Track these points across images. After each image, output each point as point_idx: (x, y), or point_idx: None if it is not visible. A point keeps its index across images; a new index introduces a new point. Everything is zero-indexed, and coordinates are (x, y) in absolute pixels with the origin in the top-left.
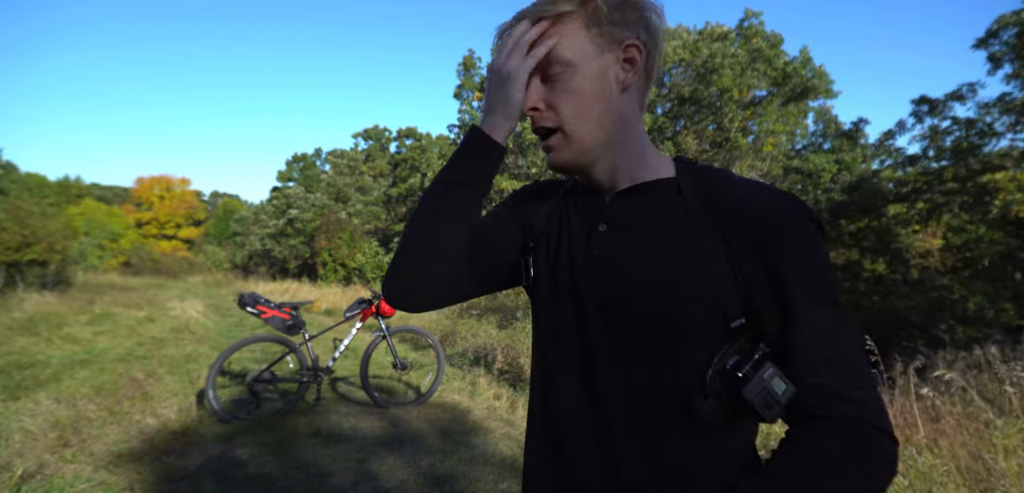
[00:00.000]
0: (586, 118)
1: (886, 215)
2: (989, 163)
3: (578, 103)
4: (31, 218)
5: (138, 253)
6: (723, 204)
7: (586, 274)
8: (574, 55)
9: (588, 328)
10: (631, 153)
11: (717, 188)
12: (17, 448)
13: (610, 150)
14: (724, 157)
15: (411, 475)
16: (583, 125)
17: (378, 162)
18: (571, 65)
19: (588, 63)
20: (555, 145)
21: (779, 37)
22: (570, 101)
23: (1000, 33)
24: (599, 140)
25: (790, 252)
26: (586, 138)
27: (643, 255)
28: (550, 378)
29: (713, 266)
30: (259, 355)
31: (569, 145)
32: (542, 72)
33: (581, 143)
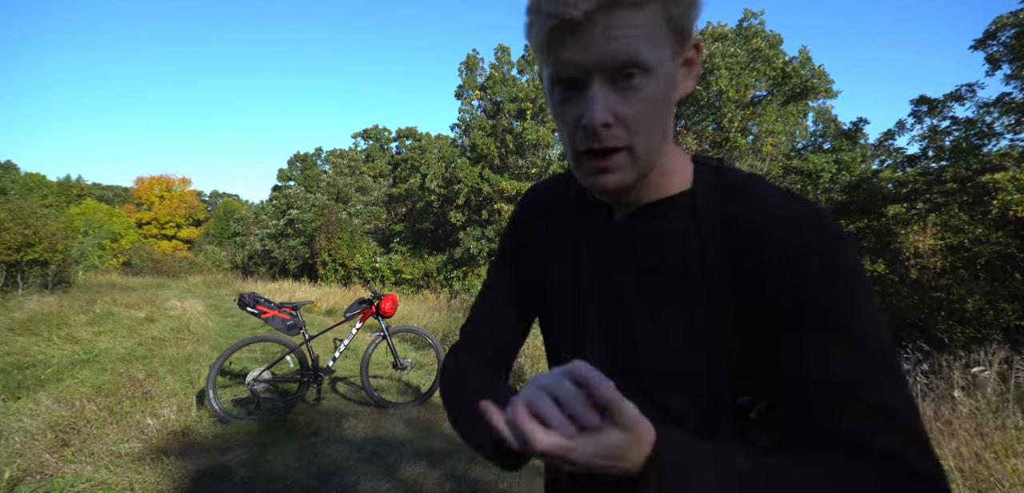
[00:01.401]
0: (654, 134)
1: (886, 215)
2: (989, 163)
3: (651, 116)
4: (32, 218)
5: (138, 253)
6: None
7: (591, 305)
8: (655, 57)
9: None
10: (663, 164)
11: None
12: (17, 448)
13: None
14: (724, 157)
15: (411, 475)
16: (652, 142)
17: (378, 162)
18: (650, 69)
19: (664, 66)
20: (619, 166)
21: (778, 37)
22: (644, 114)
23: (998, 34)
24: (656, 160)
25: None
26: (651, 158)
27: (651, 287)
28: None
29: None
30: (259, 355)
31: (634, 166)
32: (612, 74)
33: (646, 164)
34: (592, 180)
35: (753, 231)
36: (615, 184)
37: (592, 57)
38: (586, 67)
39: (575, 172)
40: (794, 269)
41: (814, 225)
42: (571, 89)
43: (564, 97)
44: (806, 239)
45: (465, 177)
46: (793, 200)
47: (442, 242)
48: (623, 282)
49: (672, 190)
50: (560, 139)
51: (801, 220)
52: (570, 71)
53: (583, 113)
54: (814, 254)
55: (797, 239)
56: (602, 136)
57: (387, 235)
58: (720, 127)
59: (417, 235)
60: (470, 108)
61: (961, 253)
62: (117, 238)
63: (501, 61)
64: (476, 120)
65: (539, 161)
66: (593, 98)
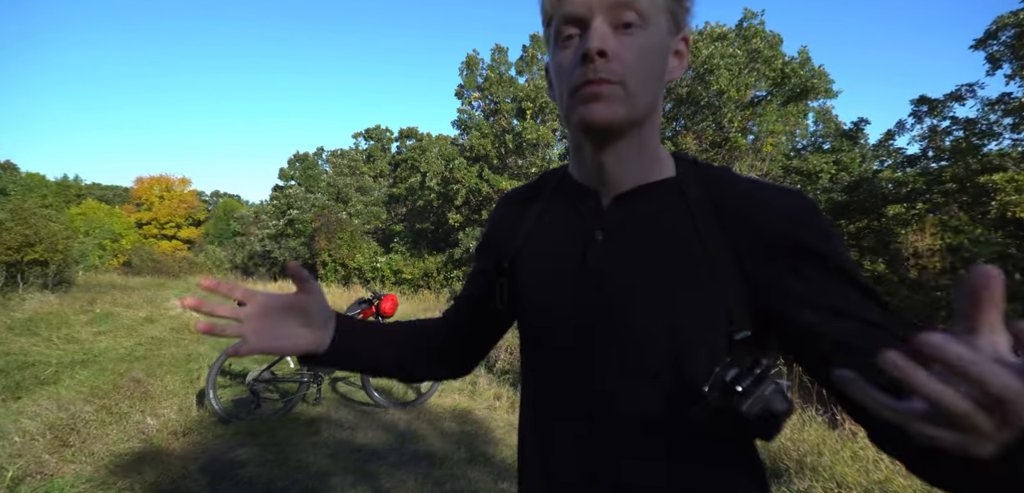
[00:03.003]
0: (648, 82)
1: (885, 215)
2: (988, 164)
3: (644, 63)
4: (33, 218)
5: (138, 253)
6: (736, 209)
7: (581, 286)
8: (653, 13)
9: (584, 343)
10: (648, 149)
11: (727, 192)
12: (17, 448)
13: (639, 135)
14: (724, 157)
15: (411, 475)
16: (645, 86)
17: (379, 162)
18: (647, 21)
19: (660, 30)
20: (611, 95)
21: (778, 37)
22: (638, 59)
23: (999, 34)
24: (648, 111)
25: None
26: (644, 100)
27: (643, 265)
28: (545, 395)
29: (721, 275)
30: (259, 355)
31: (625, 101)
32: (612, 15)
33: (636, 106)
34: (583, 110)
35: (743, 206)
36: (605, 115)
37: None
38: (590, 5)
39: (568, 113)
40: (794, 232)
41: (795, 196)
42: (574, 31)
43: (566, 43)
44: (796, 207)
45: (463, 177)
46: (764, 182)
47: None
48: (615, 257)
49: (658, 177)
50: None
51: (783, 194)
52: (575, 9)
53: (583, 46)
54: (807, 217)
55: (788, 208)
56: (598, 65)
57: (387, 235)
58: (720, 127)
59: (417, 235)
60: (469, 108)
61: (961, 253)
62: (117, 238)
63: (498, 61)
64: (475, 120)
65: (539, 161)
66: (593, 31)
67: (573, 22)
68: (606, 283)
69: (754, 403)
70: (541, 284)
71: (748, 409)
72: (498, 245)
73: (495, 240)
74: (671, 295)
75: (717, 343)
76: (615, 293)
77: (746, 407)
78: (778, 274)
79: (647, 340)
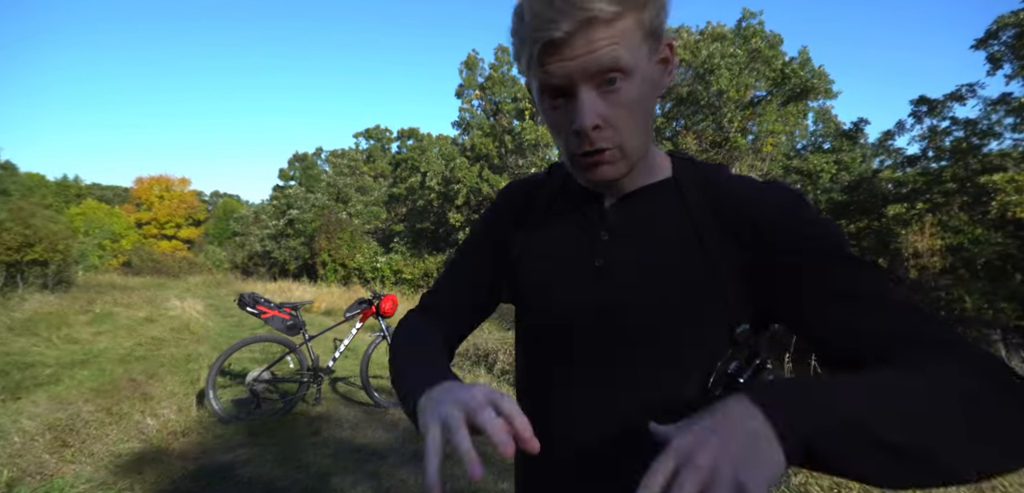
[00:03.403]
0: (640, 132)
1: (885, 215)
2: (988, 164)
3: (634, 117)
4: (33, 218)
5: (138, 253)
6: (731, 205)
7: (587, 286)
8: (633, 61)
9: (590, 342)
10: (647, 160)
11: (722, 189)
12: (17, 449)
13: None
14: (724, 157)
15: (411, 475)
16: (637, 140)
17: (379, 162)
18: (629, 73)
19: (642, 69)
20: (612, 160)
21: (778, 37)
22: (628, 116)
23: (999, 34)
24: (646, 148)
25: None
26: (638, 153)
27: (647, 263)
28: (547, 395)
29: (719, 270)
30: (259, 355)
31: (625, 159)
32: (596, 80)
33: (634, 157)
34: (589, 175)
35: (737, 202)
36: (610, 174)
37: (577, 67)
38: (572, 76)
39: (572, 171)
40: (789, 223)
41: (785, 189)
42: (559, 97)
43: (553, 105)
44: (787, 199)
45: (464, 177)
46: (756, 179)
47: (442, 242)
48: (620, 257)
49: (657, 179)
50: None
51: (774, 188)
52: (557, 81)
53: (573, 119)
54: (799, 209)
55: (780, 201)
56: (593, 138)
57: (387, 235)
58: (720, 127)
59: (417, 235)
60: (470, 108)
61: (960, 253)
62: (117, 238)
63: (501, 61)
64: (476, 120)
65: (538, 161)
66: (581, 105)
67: (557, 93)
68: (611, 282)
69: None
70: (547, 281)
71: None
72: (507, 231)
73: (505, 224)
74: (673, 291)
75: (717, 336)
76: (619, 291)
77: None
78: (773, 264)
79: (650, 336)
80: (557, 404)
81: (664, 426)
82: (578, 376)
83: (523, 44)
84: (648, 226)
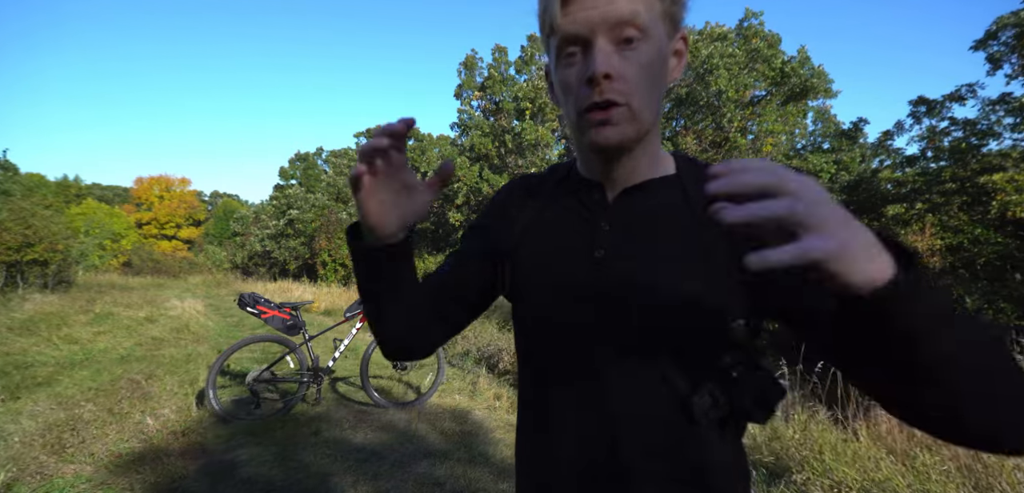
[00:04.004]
0: (651, 98)
1: (885, 215)
2: (988, 164)
3: (648, 80)
4: (33, 218)
5: (139, 253)
6: None
7: (587, 276)
8: (652, 25)
9: (589, 332)
10: (652, 150)
11: None
12: (17, 449)
13: (645, 142)
14: (723, 157)
15: (411, 476)
16: (648, 104)
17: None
18: (648, 35)
19: (660, 40)
20: (620, 119)
21: (777, 37)
22: (640, 76)
23: (999, 34)
24: (653, 121)
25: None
26: (647, 120)
27: (648, 255)
28: (546, 381)
29: (718, 265)
30: (259, 355)
31: (633, 122)
32: (614, 33)
33: (643, 124)
34: (594, 134)
35: None
36: (616, 137)
37: (597, 14)
38: (591, 24)
39: (577, 134)
40: None
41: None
42: (576, 48)
43: (569, 61)
44: None
45: (464, 177)
46: None
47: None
48: (620, 248)
49: (660, 174)
50: (564, 113)
51: None
52: (576, 28)
53: (588, 67)
54: None
55: None
56: (604, 88)
57: None
58: (720, 127)
59: (417, 235)
60: (469, 108)
61: (960, 253)
62: (117, 238)
63: (499, 61)
64: (475, 120)
65: (538, 161)
66: (597, 52)
67: (575, 41)
68: (612, 272)
69: (750, 390)
70: (547, 272)
71: (745, 396)
72: (504, 227)
73: (502, 218)
74: (673, 284)
75: (714, 330)
76: (620, 282)
77: (743, 395)
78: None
79: (650, 328)
80: (555, 391)
81: None
82: (576, 364)
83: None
84: (650, 219)
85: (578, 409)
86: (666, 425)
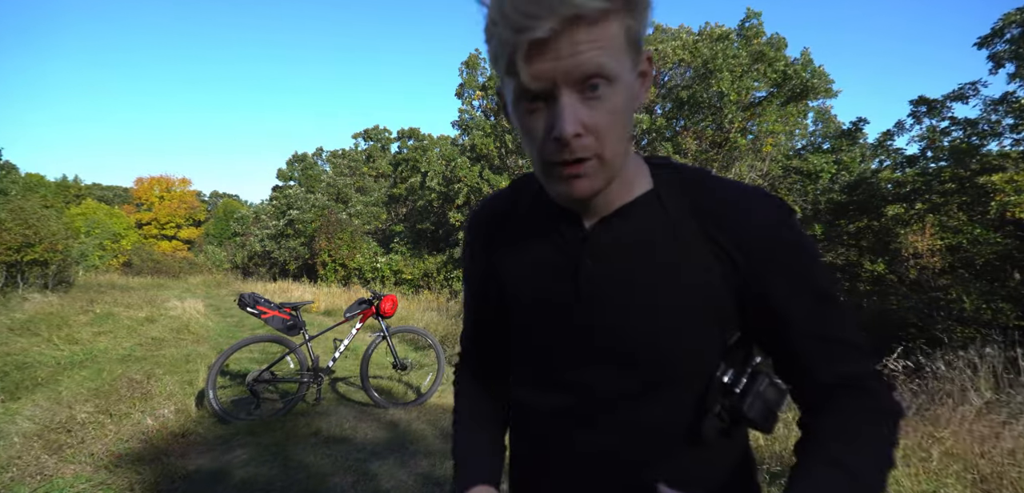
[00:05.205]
0: (620, 142)
1: (885, 216)
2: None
3: (616, 125)
4: (33, 218)
5: (139, 253)
6: (715, 215)
7: (573, 316)
8: (617, 67)
9: (581, 374)
10: (625, 176)
11: (705, 197)
12: (17, 449)
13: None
14: (724, 158)
15: (411, 476)
16: (618, 150)
17: (378, 162)
18: (614, 79)
19: (626, 78)
20: (590, 172)
21: (783, 41)
22: (609, 125)
23: (1005, 31)
24: (624, 161)
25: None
26: (618, 164)
27: (635, 285)
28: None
29: (706, 282)
30: (259, 355)
31: (603, 172)
32: (578, 85)
33: (613, 170)
34: (564, 188)
35: (721, 211)
36: (587, 189)
37: (561, 69)
38: (554, 79)
39: (545, 181)
40: (768, 243)
41: (772, 203)
42: (538, 101)
43: (530, 109)
44: (771, 217)
45: (465, 177)
46: (742, 186)
47: (442, 242)
48: (607, 282)
49: (636, 193)
50: (525, 149)
51: (760, 200)
52: (538, 85)
53: (553, 125)
54: (781, 229)
55: (764, 217)
56: (573, 146)
57: (387, 235)
58: (720, 127)
59: (417, 235)
60: (470, 108)
61: (960, 253)
62: (117, 238)
63: None
64: (476, 120)
65: None
66: (563, 110)
67: (535, 97)
68: (599, 308)
69: (753, 400)
70: (532, 313)
71: (748, 408)
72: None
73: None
74: (664, 309)
75: (712, 349)
76: (609, 316)
77: (746, 406)
78: (754, 277)
79: (642, 361)
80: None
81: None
82: (573, 406)
83: (502, 45)
84: (633, 249)
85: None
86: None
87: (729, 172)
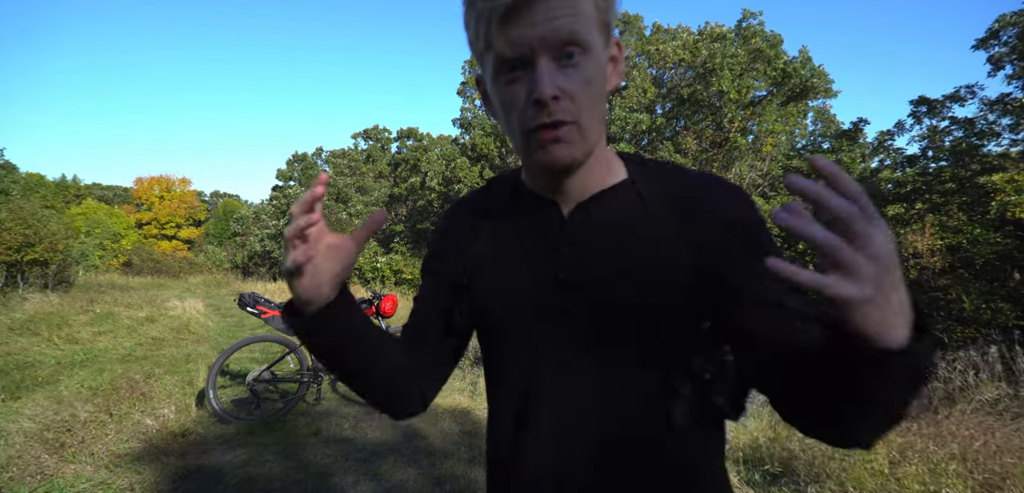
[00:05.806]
0: (595, 113)
1: (885, 215)
2: (987, 164)
3: (592, 95)
4: (33, 218)
5: (139, 253)
6: (687, 203)
7: (553, 300)
8: (591, 38)
9: (558, 357)
10: (601, 160)
11: (678, 187)
12: (17, 449)
13: (594, 154)
14: (724, 157)
15: (411, 475)
16: (594, 120)
17: (378, 163)
18: (588, 49)
19: (599, 52)
20: (569, 138)
21: (779, 38)
22: (585, 92)
23: (1001, 33)
24: (601, 134)
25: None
26: (594, 136)
27: (612, 271)
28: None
29: (680, 269)
30: (259, 355)
31: (581, 140)
32: (555, 51)
33: (590, 141)
34: (542, 154)
35: (692, 199)
36: (566, 156)
37: (537, 34)
38: (532, 44)
39: (525, 154)
40: (737, 226)
41: (735, 191)
42: (517, 70)
43: (510, 79)
44: (738, 202)
45: (465, 177)
46: (707, 175)
47: None
48: (585, 266)
49: (612, 182)
50: (504, 127)
51: (725, 189)
52: (516, 51)
53: (532, 89)
54: (744, 210)
55: (732, 203)
56: (552, 109)
57: (387, 235)
58: (720, 127)
59: (417, 235)
60: (472, 106)
61: (960, 253)
62: (117, 238)
63: None
64: (478, 119)
65: None
66: (541, 73)
67: (514, 64)
68: (578, 292)
69: (724, 388)
70: (511, 299)
71: (719, 395)
72: (454, 257)
73: (450, 251)
74: (640, 295)
75: (684, 335)
76: (587, 301)
77: (717, 394)
78: (722, 255)
79: (618, 345)
80: (525, 414)
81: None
82: (548, 392)
83: (479, 17)
84: (610, 233)
85: (554, 437)
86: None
87: (729, 172)
